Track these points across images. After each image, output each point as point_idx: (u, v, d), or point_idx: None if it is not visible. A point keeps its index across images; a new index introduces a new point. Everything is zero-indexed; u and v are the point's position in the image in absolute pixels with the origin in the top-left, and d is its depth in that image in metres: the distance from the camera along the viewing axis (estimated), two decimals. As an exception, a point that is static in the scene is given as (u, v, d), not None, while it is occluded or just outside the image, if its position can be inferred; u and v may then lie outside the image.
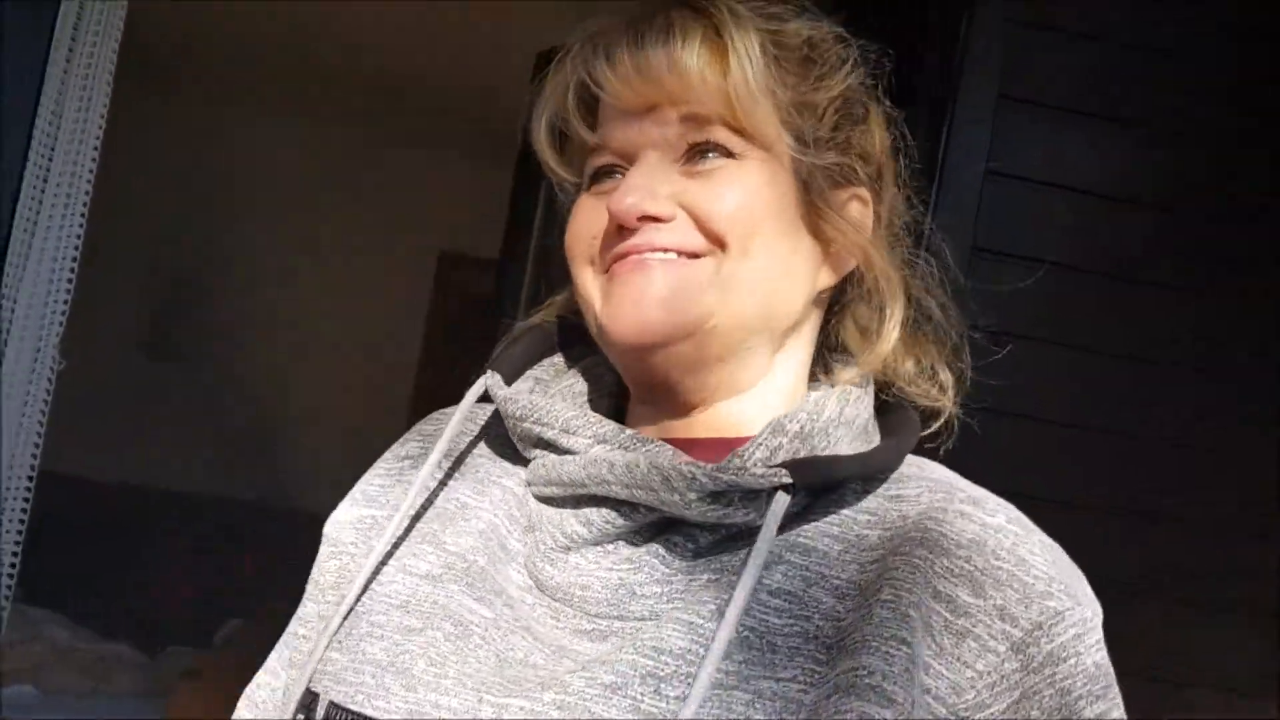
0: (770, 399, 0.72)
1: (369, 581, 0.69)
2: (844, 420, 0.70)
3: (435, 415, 0.80)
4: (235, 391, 4.11)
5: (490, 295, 2.99)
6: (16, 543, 1.73)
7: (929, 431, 0.74)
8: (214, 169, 4.04)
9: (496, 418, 0.76)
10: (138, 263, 3.96)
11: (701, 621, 0.63)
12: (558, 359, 0.78)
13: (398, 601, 0.67)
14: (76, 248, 1.74)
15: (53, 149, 1.72)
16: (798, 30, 0.72)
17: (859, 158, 0.73)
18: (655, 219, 0.69)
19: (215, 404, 4.07)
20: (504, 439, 0.75)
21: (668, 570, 0.67)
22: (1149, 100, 1.80)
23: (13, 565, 1.74)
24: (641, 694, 0.61)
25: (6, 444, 1.71)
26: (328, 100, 3.91)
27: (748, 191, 0.69)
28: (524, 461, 0.73)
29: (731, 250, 0.68)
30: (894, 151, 0.76)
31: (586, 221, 0.72)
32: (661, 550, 0.67)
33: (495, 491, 0.73)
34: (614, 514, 0.68)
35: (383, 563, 0.70)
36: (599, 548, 0.68)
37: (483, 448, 0.77)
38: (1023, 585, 0.64)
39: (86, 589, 3.50)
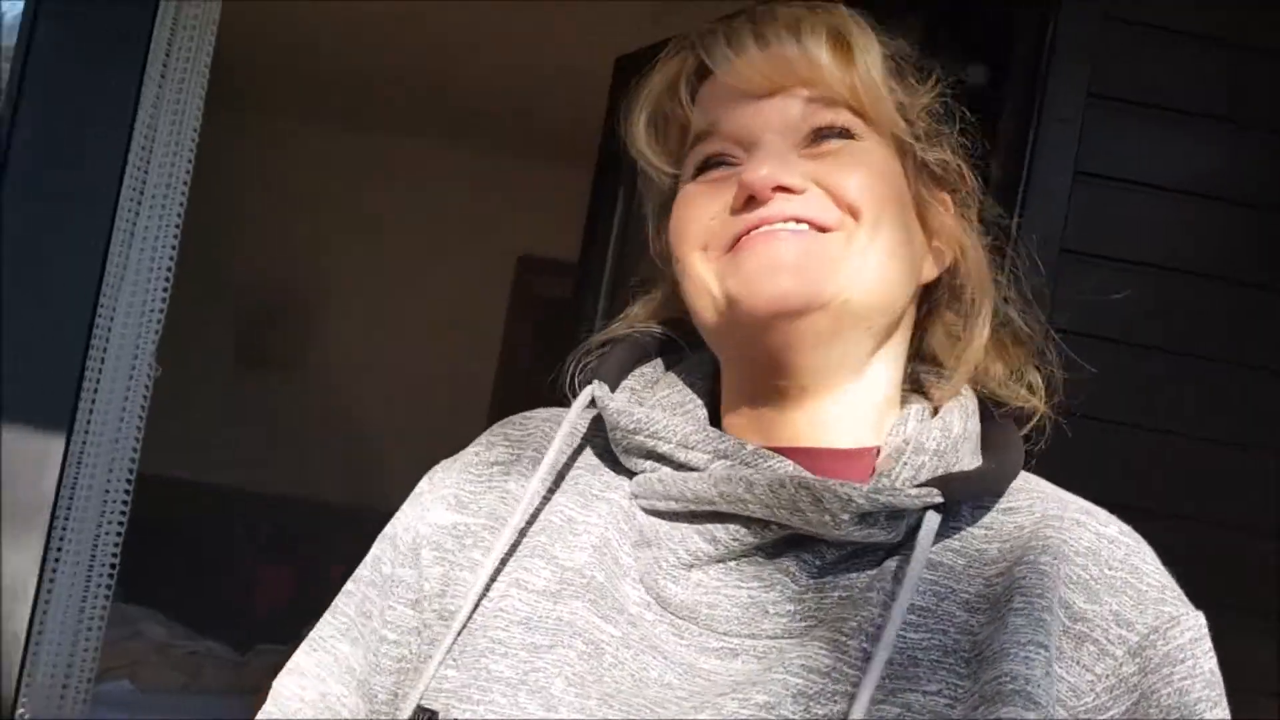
0: (868, 399, 0.72)
1: (480, 596, 0.67)
2: (967, 435, 0.71)
3: (518, 420, 0.78)
4: (322, 397, 4.19)
5: (569, 298, 3.00)
6: (116, 543, 1.77)
7: (1021, 432, 0.73)
8: (300, 181, 4.14)
9: (593, 428, 0.75)
10: (229, 274, 4.07)
11: (845, 639, 0.63)
12: (647, 369, 0.78)
13: (518, 617, 0.66)
14: (171, 258, 1.78)
15: (148, 162, 1.76)
16: (889, 41, 0.74)
17: (954, 154, 0.75)
18: (789, 190, 0.68)
19: (303, 409, 4.16)
20: (603, 450, 0.74)
21: (798, 588, 0.66)
22: (1240, 97, 1.75)
23: (113, 564, 1.77)
24: (794, 713, 0.60)
25: (106, 448, 1.76)
26: (409, 110, 3.97)
27: (876, 168, 0.71)
28: (625, 473, 0.72)
29: (864, 222, 0.69)
30: (972, 167, 0.77)
31: (698, 207, 0.72)
32: (791, 567, 0.66)
33: (601, 506, 0.71)
34: (743, 530, 0.67)
35: (491, 577, 0.68)
36: (722, 564, 0.67)
37: (581, 459, 0.75)
38: (1137, 592, 0.65)
39: (182, 588, 3.60)
